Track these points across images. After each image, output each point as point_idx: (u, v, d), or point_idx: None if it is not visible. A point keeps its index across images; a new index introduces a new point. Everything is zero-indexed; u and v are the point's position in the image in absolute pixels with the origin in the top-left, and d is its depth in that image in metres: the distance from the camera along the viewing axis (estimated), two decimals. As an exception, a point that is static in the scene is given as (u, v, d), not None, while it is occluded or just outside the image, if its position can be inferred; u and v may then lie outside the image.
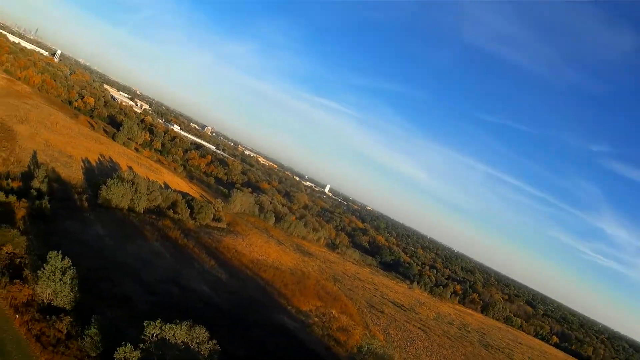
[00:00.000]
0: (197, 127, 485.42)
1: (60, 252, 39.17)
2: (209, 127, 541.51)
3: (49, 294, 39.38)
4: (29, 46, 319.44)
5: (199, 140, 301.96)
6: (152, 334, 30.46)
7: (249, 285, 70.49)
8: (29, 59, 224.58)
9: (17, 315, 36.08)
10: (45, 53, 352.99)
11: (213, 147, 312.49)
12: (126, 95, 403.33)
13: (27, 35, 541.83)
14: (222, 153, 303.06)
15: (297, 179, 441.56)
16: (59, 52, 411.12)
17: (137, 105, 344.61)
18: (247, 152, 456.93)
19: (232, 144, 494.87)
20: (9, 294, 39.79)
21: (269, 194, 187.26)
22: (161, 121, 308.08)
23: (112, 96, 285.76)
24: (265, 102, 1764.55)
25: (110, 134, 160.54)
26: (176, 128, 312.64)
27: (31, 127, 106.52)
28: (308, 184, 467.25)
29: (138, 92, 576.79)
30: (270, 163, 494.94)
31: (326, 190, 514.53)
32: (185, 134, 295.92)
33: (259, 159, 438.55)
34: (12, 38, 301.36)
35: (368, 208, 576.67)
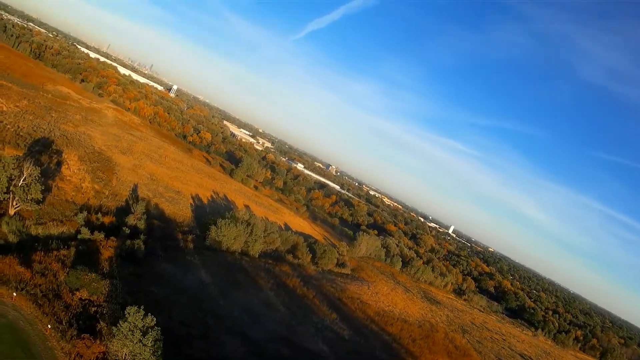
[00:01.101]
0: (321, 165, 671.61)
1: (142, 307, 43.86)
2: (334, 167, 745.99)
3: (125, 355, 42.36)
4: (142, 79, 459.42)
5: (323, 180, 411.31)
6: None
7: (374, 342, 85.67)
8: (140, 91, 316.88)
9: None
10: (160, 87, 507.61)
11: (337, 187, 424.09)
12: (247, 132, 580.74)
13: (142, 69, 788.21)
14: (346, 193, 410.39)
15: (422, 219, 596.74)
16: (175, 87, 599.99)
17: (258, 142, 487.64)
18: (371, 192, 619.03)
19: (356, 184, 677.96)
20: (73, 349, 43.00)
21: (395, 237, 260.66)
22: (284, 159, 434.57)
23: (232, 132, 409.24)
24: (389, 142, 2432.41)
25: (228, 170, 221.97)
26: (300, 166, 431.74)
27: (135, 158, 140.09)
28: (432, 224, 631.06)
29: (260, 130, 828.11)
30: (395, 203, 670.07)
31: (450, 231, 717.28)
32: (309, 173, 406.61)
33: (384, 199, 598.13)
34: (123, 70, 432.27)
35: (490, 249, 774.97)
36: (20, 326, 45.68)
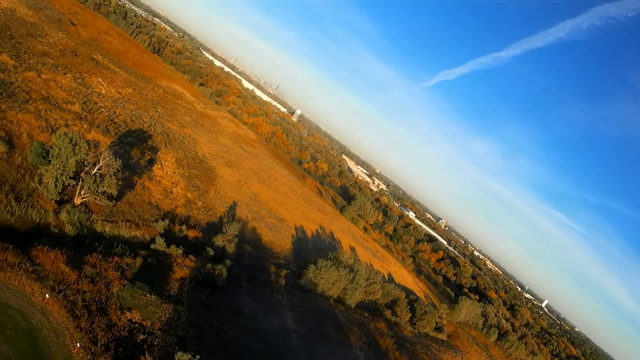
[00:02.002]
0: (431, 217, 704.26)
1: (198, 357, 40.64)
2: (443, 220, 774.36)
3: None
4: (265, 97, 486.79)
5: (432, 233, 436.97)
6: None
7: None
8: (261, 107, 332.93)
9: None
10: (283, 109, 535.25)
11: (445, 242, 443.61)
12: (364, 170, 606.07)
13: (267, 88, 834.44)
14: (453, 250, 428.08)
15: (519, 289, 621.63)
16: (298, 112, 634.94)
17: (373, 182, 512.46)
18: (475, 253, 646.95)
19: (462, 242, 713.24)
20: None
21: (495, 305, 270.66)
22: (396, 204, 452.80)
23: (349, 168, 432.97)
24: (498, 203, 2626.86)
25: (339, 206, 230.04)
26: (411, 215, 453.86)
27: (240, 174, 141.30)
28: (527, 296, 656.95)
29: (377, 170, 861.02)
30: (496, 267, 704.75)
31: (543, 305, 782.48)
32: (419, 223, 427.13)
33: (486, 262, 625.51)
34: (247, 85, 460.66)
35: (576, 330, 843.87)
36: (43, 335, 41.91)
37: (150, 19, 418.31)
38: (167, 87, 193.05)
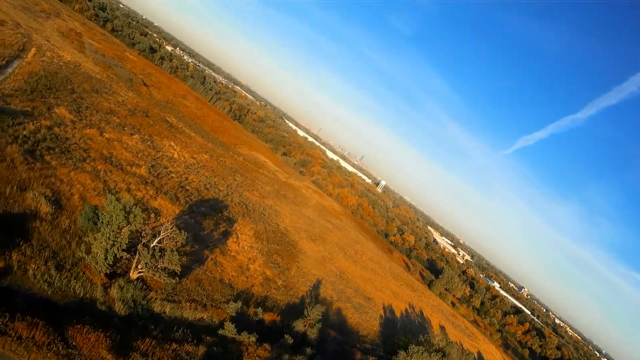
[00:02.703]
0: (514, 287, 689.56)
1: None
2: (526, 289, 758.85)
3: None
4: (350, 168, 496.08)
5: (517, 304, 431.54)
6: None
7: None
8: (347, 178, 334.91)
9: None
10: (368, 180, 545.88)
11: (529, 313, 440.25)
12: (448, 241, 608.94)
13: (351, 159, 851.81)
14: (537, 320, 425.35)
15: (597, 354, 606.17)
16: (383, 182, 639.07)
17: (458, 254, 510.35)
18: (557, 321, 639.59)
19: (544, 310, 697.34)
20: None
21: None
22: (481, 275, 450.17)
23: (435, 239, 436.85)
24: (580, 268, 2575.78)
25: (427, 281, 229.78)
26: (496, 286, 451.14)
27: (325, 249, 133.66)
28: None
29: (461, 241, 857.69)
30: (576, 335, 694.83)
31: None
32: (505, 294, 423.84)
33: (567, 330, 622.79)
34: (331, 155, 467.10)
35: None
36: None
37: (230, 86, 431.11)
38: (247, 155, 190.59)
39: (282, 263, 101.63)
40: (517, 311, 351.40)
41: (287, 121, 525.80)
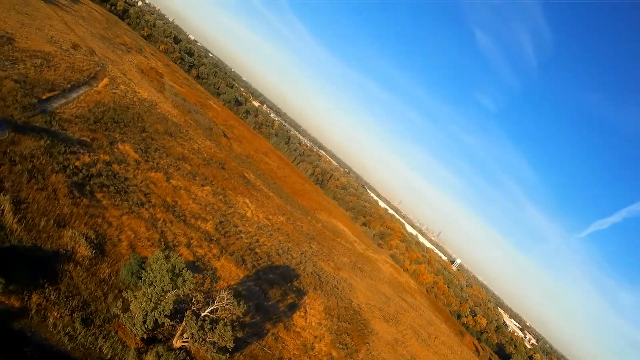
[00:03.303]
0: None
1: None
2: None
3: None
4: (427, 244, 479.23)
5: None
6: None
7: None
8: (424, 254, 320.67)
9: None
10: (444, 257, 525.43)
11: None
12: (516, 323, 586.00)
13: (428, 234, 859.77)
14: None
15: None
16: (458, 261, 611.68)
17: (525, 337, 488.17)
18: None
19: None
20: None
21: None
22: None
23: (504, 322, 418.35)
24: None
25: None
26: None
27: (398, 331, 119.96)
28: None
29: (527, 324, 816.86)
30: None
31: None
32: None
33: None
34: (409, 229, 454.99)
35: None
36: None
37: (315, 150, 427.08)
38: (326, 222, 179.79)
39: (351, 344, 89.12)
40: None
41: (368, 190, 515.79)
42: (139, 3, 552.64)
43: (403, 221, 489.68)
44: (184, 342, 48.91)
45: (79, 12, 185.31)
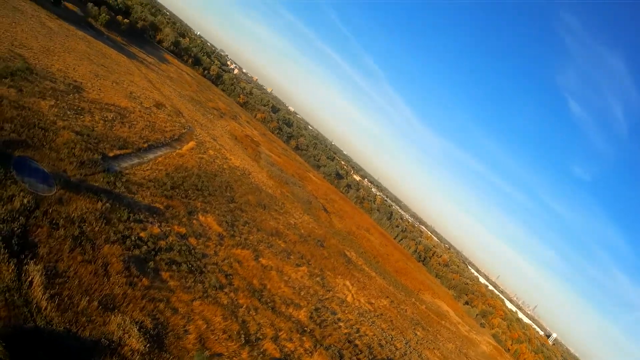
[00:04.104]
0: None
1: None
2: None
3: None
4: (525, 319, 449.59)
5: None
6: None
7: None
8: (524, 332, 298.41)
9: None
10: (541, 332, 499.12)
11: None
12: None
13: (525, 308, 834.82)
14: None
15: None
16: (554, 335, 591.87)
17: None
18: None
19: None
20: None
21: None
22: None
23: None
24: None
25: None
26: None
27: None
28: None
29: None
30: None
31: None
32: None
33: None
34: (509, 305, 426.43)
35: None
36: None
37: (416, 225, 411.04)
38: (430, 303, 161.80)
39: None
40: None
41: (469, 267, 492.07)
42: (235, 71, 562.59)
43: (502, 297, 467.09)
44: None
45: (166, 71, 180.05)
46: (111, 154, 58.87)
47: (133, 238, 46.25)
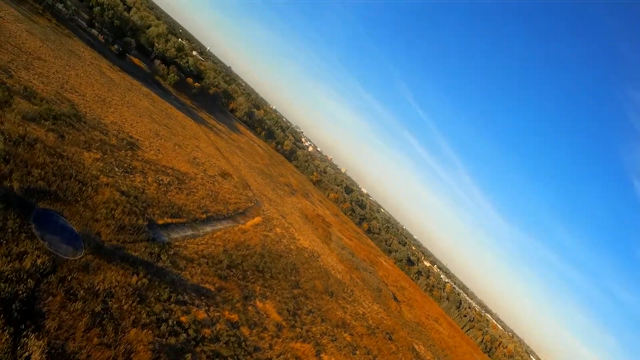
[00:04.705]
0: None
1: None
2: None
3: None
4: None
5: None
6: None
7: None
8: None
9: None
10: None
11: None
12: None
13: None
14: None
15: None
16: None
17: None
18: None
19: None
20: None
21: None
22: None
23: None
24: None
25: None
26: None
27: None
28: None
29: None
30: None
31: None
32: None
33: None
34: None
35: None
36: None
37: (483, 314, 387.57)
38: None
39: None
40: None
41: (531, 356, 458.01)
42: (309, 148, 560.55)
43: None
44: None
45: (236, 141, 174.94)
46: (160, 222, 50.57)
47: (171, 322, 36.99)
